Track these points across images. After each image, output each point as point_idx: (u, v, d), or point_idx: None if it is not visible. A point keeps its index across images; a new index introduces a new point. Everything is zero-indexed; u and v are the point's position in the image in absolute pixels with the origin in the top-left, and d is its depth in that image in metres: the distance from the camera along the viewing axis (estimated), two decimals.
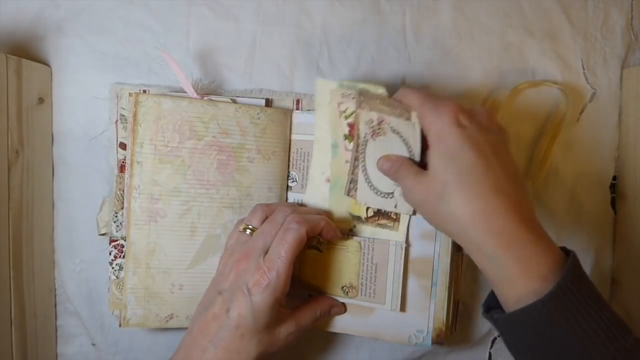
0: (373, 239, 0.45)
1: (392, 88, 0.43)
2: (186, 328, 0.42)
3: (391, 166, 0.41)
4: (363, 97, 0.43)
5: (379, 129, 0.42)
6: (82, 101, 0.47)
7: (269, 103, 0.48)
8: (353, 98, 0.43)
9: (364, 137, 0.43)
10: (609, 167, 0.51)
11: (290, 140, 0.47)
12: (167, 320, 0.45)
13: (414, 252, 0.45)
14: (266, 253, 0.39)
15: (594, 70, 0.50)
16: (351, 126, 0.44)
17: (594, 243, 0.51)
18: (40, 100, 0.45)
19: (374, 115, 0.42)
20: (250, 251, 0.40)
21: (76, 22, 0.47)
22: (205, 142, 0.44)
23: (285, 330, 0.41)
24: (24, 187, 0.43)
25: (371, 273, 0.45)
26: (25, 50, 0.46)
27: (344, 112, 0.44)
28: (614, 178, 0.51)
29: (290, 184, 0.48)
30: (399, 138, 0.42)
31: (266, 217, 0.42)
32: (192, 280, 0.45)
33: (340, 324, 0.46)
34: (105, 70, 0.47)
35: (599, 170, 0.51)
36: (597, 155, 0.51)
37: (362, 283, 0.45)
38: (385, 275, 0.45)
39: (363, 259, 0.45)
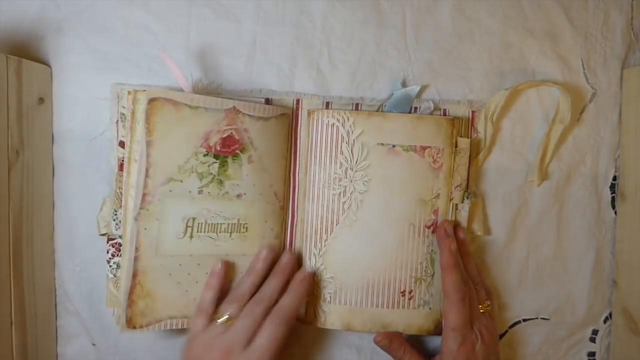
0: None
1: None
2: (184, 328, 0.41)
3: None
4: None
5: None
6: (82, 101, 0.47)
7: (269, 103, 0.48)
8: None
9: None
10: (609, 167, 0.51)
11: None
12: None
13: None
14: (248, 344, 0.39)
15: (594, 70, 0.50)
16: None
17: (594, 243, 0.51)
18: (41, 101, 0.45)
19: None
20: (231, 345, 0.39)
21: (76, 22, 0.47)
22: None
23: None
24: (24, 187, 0.43)
25: None
26: (25, 51, 0.46)
27: None
28: (614, 178, 0.51)
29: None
30: None
31: (241, 307, 0.42)
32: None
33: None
34: (105, 70, 0.47)
35: (599, 170, 0.51)
36: (597, 155, 0.51)
37: None
38: None
39: None
